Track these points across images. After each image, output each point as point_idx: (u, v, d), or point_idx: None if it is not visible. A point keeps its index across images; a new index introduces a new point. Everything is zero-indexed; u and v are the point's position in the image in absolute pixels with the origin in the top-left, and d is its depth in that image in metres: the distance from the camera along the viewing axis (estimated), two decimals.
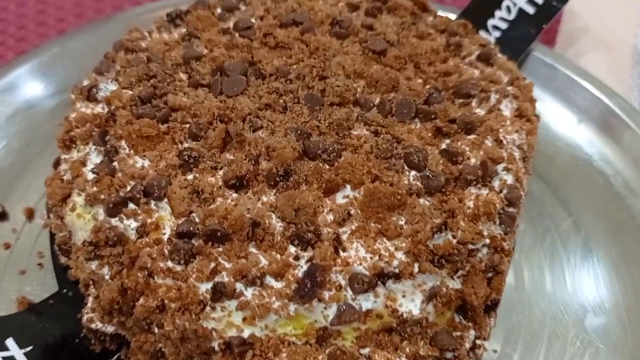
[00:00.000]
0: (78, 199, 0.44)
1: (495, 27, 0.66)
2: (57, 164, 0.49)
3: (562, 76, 0.64)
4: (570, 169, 0.60)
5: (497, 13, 0.66)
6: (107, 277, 0.40)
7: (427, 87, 0.49)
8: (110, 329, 0.42)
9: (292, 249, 0.39)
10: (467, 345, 0.40)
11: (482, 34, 0.66)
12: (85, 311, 0.43)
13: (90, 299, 0.43)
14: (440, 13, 0.59)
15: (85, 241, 0.41)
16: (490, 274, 0.41)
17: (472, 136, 0.45)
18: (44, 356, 0.43)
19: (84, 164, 0.45)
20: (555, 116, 0.63)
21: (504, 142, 0.45)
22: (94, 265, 0.41)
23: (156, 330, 0.39)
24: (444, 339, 0.39)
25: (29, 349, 0.43)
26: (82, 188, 0.43)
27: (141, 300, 0.39)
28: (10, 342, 0.43)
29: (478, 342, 0.42)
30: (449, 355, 0.40)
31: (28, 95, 0.64)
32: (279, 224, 0.40)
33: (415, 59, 0.50)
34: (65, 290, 0.48)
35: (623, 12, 0.73)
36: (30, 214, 0.56)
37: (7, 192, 0.57)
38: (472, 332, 0.41)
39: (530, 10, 0.66)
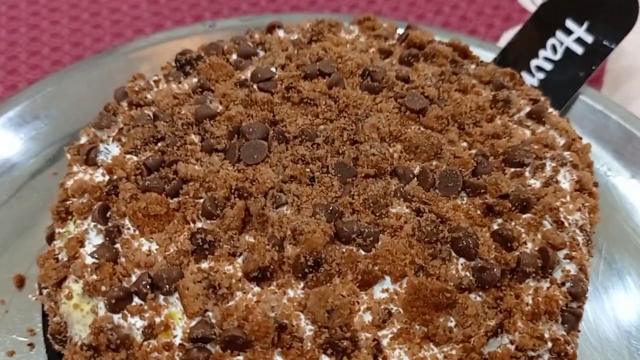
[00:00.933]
0: (75, 287, 0.40)
1: (539, 68, 0.63)
2: (51, 237, 0.45)
3: (614, 125, 0.60)
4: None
5: (542, 53, 0.63)
6: None
7: (473, 152, 0.45)
8: None
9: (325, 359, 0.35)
10: None
11: (525, 75, 0.63)
12: None
13: None
14: (475, 50, 0.56)
15: (83, 344, 0.37)
16: None
17: (527, 215, 0.41)
18: None
19: (82, 243, 0.41)
20: (609, 171, 0.59)
21: (565, 224, 0.41)
22: None
23: None
24: None
25: None
26: (80, 274, 0.40)
27: None
28: None
29: None
30: None
31: (20, 143, 0.60)
32: (308, 326, 0.36)
33: (459, 119, 0.47)
34: None
35: None
36: (20, 282, 0.52)
37: None
38: None
39: (579, 50, 0.62)
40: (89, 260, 0.40)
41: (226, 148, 0.44)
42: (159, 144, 0.45)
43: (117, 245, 0.40)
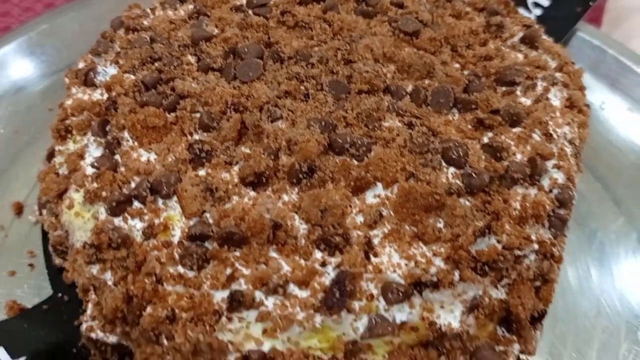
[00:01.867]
0: (76, 196, 0.43)
1: (537, 4, 0.66)
2: (50, 155, 0.48)
3: (611, 60, 0.63)
4: (620, 163, 0.59)
5: None
6: (110, 282, 0.40)
7: (466, 73, 0.48)
8: (112, 339, 0.42)
9: (318, 254, 0.38)
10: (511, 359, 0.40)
11: (522, 11, 0.66)
12: (84, 319, 0.43)
13: (90, 305, 0.43)
14: None
15: (85, 243, 0.40)
16: (538, 283, 0.41)
17: (517, 129, 0.45)
18: None
19: (81, 156, 0.45)
20: (603, 104, 0.63)
21: (554, 136, 0.44)
22: (95, 269, 0.41)
23: (165, 342, 0.39)
24: (487, 355, 0.39)
25: (22, 359, 0.43)
26: (80, 184, 0.43)
27: (149, 310, 0.38)
28: (1, 351, 0.43)
29: (522, 357, 0.42)
30: None
31: (16, 76, 0.63)
32: (302, 226, 0.39)
33: (452, 42, 0.50)
34: (60, 295, 0.48)
35: None
36: (19, 210, 0.55)
37: None
38: (516, 347, 0.41)
39: None
40: (90, 171, 0.43)
41: (222, 67, 0.48)
42: (156, 64, 0.48)
43: (117, 157, 0.44)
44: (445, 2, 0.54)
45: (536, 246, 0.41)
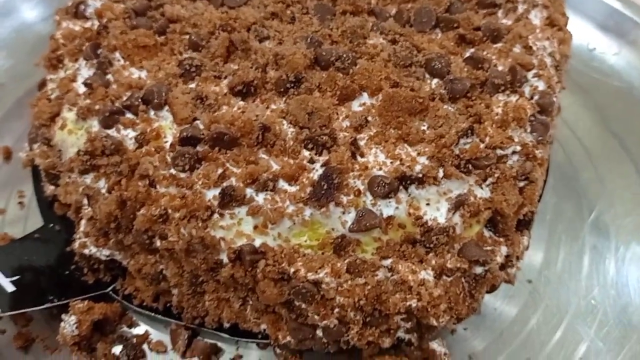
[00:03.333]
0: (69, 115, 0.47)
1: None
2: (42, 85, 0.52)
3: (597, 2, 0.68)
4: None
5: None
6: (103, 190, 0.44)
7: None
8: (105, 253, 0.46)
9: (306, 153, 0.42)
10: (499, 259, 0.44)
11: None
12: (77, 236, 0.46)
13: (83, 222, 0.46)
14: None
15: (79, 151, 0.44)
16: (522, 183, 0.44)
17: (499, 44, 0.49)
18: (32, 286, 0.46)
19: (73, 80, 0.48)
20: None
21: (534, 48, 0.48)
22: (89, 178, 0.44)
23: (159, 244, 0.42)
24: (474, 251, 0.42)
25: (15, 278, 0.46)
26: (73, 102, 0.47)
27: (142, 211, 0.42)
28: None
29: (511, 261, 0.45)
30: (479, 270, 0.43)
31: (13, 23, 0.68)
32: (290, 129, 0.43)
33: None
34: (51, 225, 0.52)
35: None
36: (8, 154, 0.59)
37: None
38: (503, 249, 0.44)
39: None
40: (82, 89, 0.47)
41: None
42: None
43: (109, 75, 0.47)
44: None
45: (518, 147, 0.44)
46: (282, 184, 0.41)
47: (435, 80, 0.46)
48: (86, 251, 0.46)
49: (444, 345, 0.45)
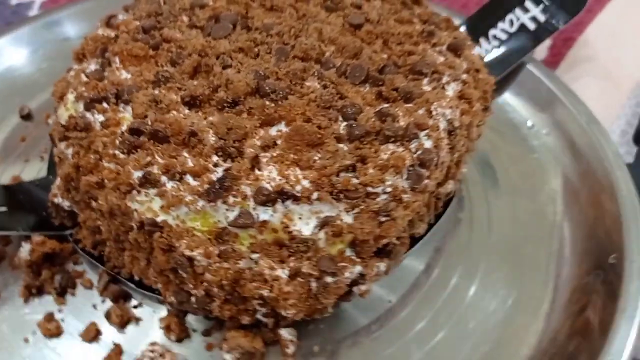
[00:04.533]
0: (70, 97, 0.51)
1: (495, 37, 0.69)
2: (68, 72, 0.57)
3: (545, 88, 0.65)
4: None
5: (500, 24, 0.69)
6: (69, 156, 0.47)
7: (387, 61, 0.52)
8: (66, 204, 0.49)
9: (214, 158, 0.44)
10: (348, 274, 0.43)
11: (482, 41, 0.69)
12: (53, 187, 0.51)
13: (58, 178, 0.50)
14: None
15: (59, 123, 0.48)
16: (383, 218, 0.44)
17: (409, 105, 0.48)
18: (12, 218, 0.50)
19: (84, 71, 0.53)
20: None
21: (434, 113, 0.48)
22: (63, 145, 0.48)
23: (94, 204, 0.45)
24: (326, 263, 0.43)
25: (3, 209, 0.51)
26: (75, 87, 0.51)
27: (87, 177, 0.45)
28: None
29: (363, 280, 0.45)
30: (329, 279, 0.43)
31: (66, 32, 0.74)
32: (212, 137, 0.45)
33: (385, 37, 0.54)
34: (50, 176, 0.56)
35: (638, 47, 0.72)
36: (47, 118, 0.65)
37: (35, 100, 0.66)
38: (358, 268, 0.44)
39: (532, 26, 0.67)
40: (84, 80, 0.51)
41: (203, 26, 0.54)
42: (158, 17, 0.56)
43: (105, 73, 0.51)
44: (396, 11, 0.58)
45: (389, 189, 0.44)
46: (188, 178, 0.43)
47: (343, 123, 0.46)
48: (55, 200, 0.50)
49: (293, 334, 0.45)
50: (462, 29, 0.69)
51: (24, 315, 0.48)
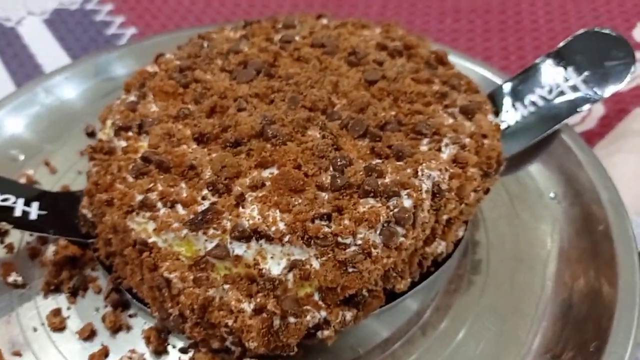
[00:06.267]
0: (109, 122, 0.59)
1: (533, 103, 0.69)
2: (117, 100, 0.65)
3: (574, 158, 0.64)
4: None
5: (538, 90, 0.69)
6: (94, 174, 0.55)
7: (392, 118, 0.55)
8: (89, 215, 0.57)
9: (204, 191, 0.49)
10: (310, 318, 0.46)
11: (518, 105, 0.69)
12: (83, 199, 0.58)
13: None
14: (489, 77, 0.65)
15: (90, 146, 0.56)
16: (350, 269, 0.47)
17: (400, 162, 0.51)
18: (49, 222, 0.59)
19: (124, 101, 0.61)
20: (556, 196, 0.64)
21: (420, 174, 0.50)
22: (91, 164, 0.56)
23: (104, 219, 0.52)
24: (290, 304, 0.46)
25: (44, 212, 0.59)
26: (114, 115, 0.59)
27: (101, 195, 0.52)
28: (35, 204, 0.59)
29: (327, 327, 0.47)
30: (291, 319, 0.46)
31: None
32: (208, 172, 0.50)
33: (396, 95, 0.57)
34: None
35: None
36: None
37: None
38: (322, 313, 0.47)
39: (571, 95, 0.67)
40: (121, 109, 0.59)
41: (232, 70, 0.61)
42: (196, 59, 0.63)
43: (139, 105, 0.59)
44: (418, 70, 0.61)
45: (359, 242, 0.47)
46: (179, 207, 0.49)
47: (331, 173, 0.50)
48: (83, 211, 0.58)
49: None
50: (507, 86, 0.70)
51: (39, 306, 0.56)
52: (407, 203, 0.48)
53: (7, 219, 0.56)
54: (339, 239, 0.46)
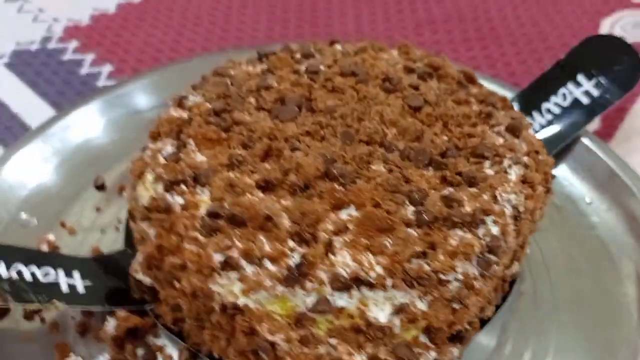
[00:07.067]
0: (149, 176, 0.55)
1: (549, 111, 0.71)
2: (144, 150, 0.61)
3: (602, 164, 0.68)
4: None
5: (553, 98, 0.71)
6: (152, 236, 0.51)
7: (449, 144, 0.56)
8: (147, 280, 0.53)
9: (291, 243, 0.47)
10: None
11: (536, 115, 0.72)
12: (134, 263, 0.54)
13: (139, 254, 0.54)
14: (503, 92, 0.67)
15: (143, 205, 0.52)
16: (456, 305, 0.46)
17: (473, 189, 0.51)
18: (97, 291, 0.54)
19: (160, 151, 0.57)
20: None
21: (499, 198, 0.50)
22: (145, 225, 0.52)
23: (177, 284, 0.49)
24: (403, 350, 0.45)
25: (89, 283, 0.54)
26: (153, 168, 0.55)
27: (170, 259, 0.49)
28: (76, 273, 0.54)
29: None
30: None
31: (137, 104, 0.78)
32: (287, 222, 0.48)
33: (445, 119, 0.58)
34: (127, 250, 0.60)
35: None
36: (121, 190, 0.69)
37: (108, 171, 0.70)
38: (432, 353, 0.46)
39: (585, 100, 0.70)
40: (162, 161, 0.55)
41: (270, 109, 0.58)
42: (227, 99, 0.60)
43: (181, 155, 0.55)
44: (453, 91, 0.62)
45: (460, 277, 0.46)
46: (267, 262, 0.46)
47: (411, 208, 0.49)
48: (137, 276, 0.53)
49: None
50: (521, 97, 0.72)
51: None
52: (495, 230, 0.49)
53: (57, 297, 0.51)
54: (441, 276, 0.46)
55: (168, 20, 1.01)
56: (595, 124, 0.79)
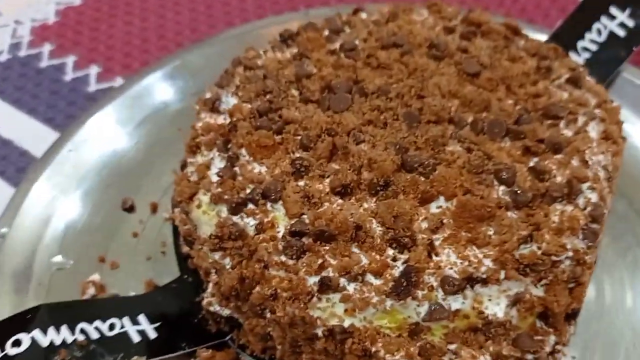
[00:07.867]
0: (204, 198, 0.50)
1: (585, 49, 0.68)
2: (183, 166, 0.56)
3: None
4: None
5: (588, 35, 0.68)
6: (228, 266, 0.46)
7: (518, 108, 0.52)
8: (226, 312, 0.49)
9: (390, 252, 0.43)
10: (547, 349, 0.44)
11: (572, 55, 0.68)
12: (205, 296, 0.50)
13: (211, 285, 0.49)
14: (531, 34, 0.62)
15: (211, 235, 0.47)
16: (571, 285, 0.44)
17: (559, 156, 0.48)
18: (170, 331, 0.50)
19: (208, 167, 0.52)
20: None
21: (590, 162, 0.47)
22: (217, 255, 0.47)
23: (268, 315, 0.45)
24: (526, 341, 0.43)
25: (157, 324, 0.50)
26: (207, 188, 0.50)
27: (257, 289, 0.44)
28: (142, 317, 0.50)
29: (558, 347, 0.45)
30: (529, 357, 0.43)
31: (155, 102, 0.71)
32: (378, 228, 0.44)
33: (506, 82, 0.54)
34: (185, 277, 0.55)
35: None
36: (154, 208, 0.63)
37: (135, 188, 0.64)
38: (552, 338, 0.44)
39: (621, 33, 0.67)
40: (215, 178, 0.50)
41: (319, 100, 0.53)
42: (268, 96, 0.54)
43: (236, 168, 0.50)
44: (503, 48, 0.58)
45: (571, 254, 0.44)
46: (369, 277, 0.43)
47: (502, 188, 0.46)
48: (211, 308, 0.49)
49: None
50: (556, 37, 0.68)
51: None
52: (594, 197, 0.46)
53: (130, 350, 0.46)
54: (554, 258, 0.43)
55: (143, 4, 0.93)
56: None
